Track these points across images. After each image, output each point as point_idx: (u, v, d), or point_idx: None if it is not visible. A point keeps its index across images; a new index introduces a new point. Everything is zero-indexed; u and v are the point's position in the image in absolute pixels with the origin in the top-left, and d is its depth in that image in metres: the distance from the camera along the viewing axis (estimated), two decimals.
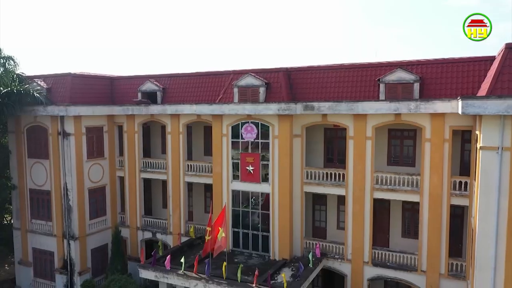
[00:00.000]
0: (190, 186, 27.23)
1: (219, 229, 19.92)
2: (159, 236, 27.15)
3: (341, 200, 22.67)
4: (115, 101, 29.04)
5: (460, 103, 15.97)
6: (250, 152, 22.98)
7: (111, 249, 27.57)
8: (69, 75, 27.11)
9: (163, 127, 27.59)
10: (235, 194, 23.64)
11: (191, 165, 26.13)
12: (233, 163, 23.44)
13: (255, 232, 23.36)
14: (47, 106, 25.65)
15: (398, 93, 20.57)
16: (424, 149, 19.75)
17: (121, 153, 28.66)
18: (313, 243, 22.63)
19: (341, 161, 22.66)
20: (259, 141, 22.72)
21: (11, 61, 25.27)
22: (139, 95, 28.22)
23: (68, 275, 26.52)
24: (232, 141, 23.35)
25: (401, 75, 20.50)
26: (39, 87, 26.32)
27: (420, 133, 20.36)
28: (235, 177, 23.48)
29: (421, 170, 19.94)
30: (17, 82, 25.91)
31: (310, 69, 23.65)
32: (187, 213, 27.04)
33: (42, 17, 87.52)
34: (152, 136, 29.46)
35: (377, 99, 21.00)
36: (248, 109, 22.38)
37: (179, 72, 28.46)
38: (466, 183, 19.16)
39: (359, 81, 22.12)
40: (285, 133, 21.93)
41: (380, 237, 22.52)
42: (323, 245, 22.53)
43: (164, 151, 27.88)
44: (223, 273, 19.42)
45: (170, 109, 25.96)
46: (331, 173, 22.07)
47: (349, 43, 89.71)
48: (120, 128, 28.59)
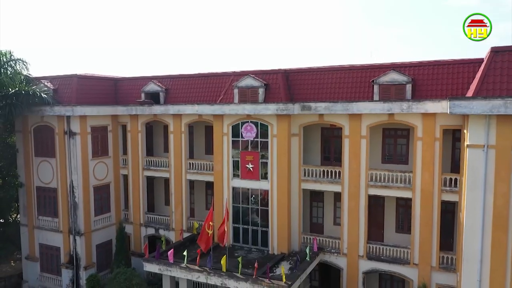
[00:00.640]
0: (191, 183, 28.14)
1: (217, 223, 20.88)
2: (162, 232, 28.05)
3: (338, 196, 23.54)
4: (119, 102, 29.94)
5: (448, 103, 16.85)
6: (249, 150, 23.88)
7: (115, 244, 28.56)
8: (75, 76, 28.01)
9: (166, 127, 28.50)
10: (235, 191, 24.55)
11: (192, 164, 27.02)
12: (233, 161, 24.34)
13: (255, 227, 24.26)
14: (54, 106, 26.54)
15: (391, 94, 21.46)
16: (416, 147, 20.64)
17: (125, 152, 29.59)
18: (310, 238, 23.52)
19: (337, 159, 23.55)
20: (259, 140, 23.62)
21: (20, 63, 26.06)
22: (143, 95, 29.12)
23: (74, 270, 27.45)
24: (232, 140, 24.25)
25: (394, 77, 21.39)
26: (46, 88, 27.20)
27: (412, 132, 21.25)
28: (236, 175, 24.38)
29: (413, 167, 20.85)
30: (24, 83, 26.77)
31: (307, 70, 24.55)
32: (189, 210, 27.95)
33: (45, 18, 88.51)
34: (154, 135, 30.38)
35: (371, 99, 21.88)
36: (248, 109, 23.27)
37: (181, 73, 29.38)
38: (456, 180, 20.05)
39: (354, 82, 23.01)
40: (283, 132, 22.83)
41: (375, 232, 23.41)
42: (320, 240, 23.40)
43: (166, 149, 28.81)
44: (224, 266, 20.33)
45: (172, 109, 26.86)
46: (328, 171, 22.95)
47: (349, 43, 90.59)
48: (124, 127, 29.51)
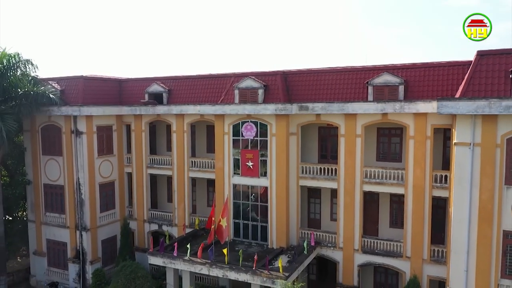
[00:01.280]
0: (193, 181, 29.16)
1: (221, 219, 21.91)
2: (165, 228, 29.04)
3: (334, 193, 24.49)
4: (123, 102, 30.93)
5: (436, 104, 17.86)
6: (249, 149, 24.90)
7: (120, 240, 29.61)
8: (81, 77, 29.00)
9: (169, 126, 29.50)
10: (236, 188, 25.56)
11: (194, 162, 28.03)
12: (234, 159, 25.35)
13: (254, 223, 25.27)
14: (61, 106, 27.54)
15: (384, 94, 22.46)
16: (408, 145, 21.64)
17: (129, 151, 30.63)
18: (308, 233, 24.49)
19: (333, 157, 24.53)
20: (258, 139, 24.63)
21: (29, 64, 26.94)
22: (146, 96, 30.12)
23: (80, 264, 28.45)
24: (233, 139, 25.27)
25: (387, 78, 22.40)
26: (53, 89, 28.17)
27: (405, 131, 22.23)
28: (236, 172, 25.38)
29: (405, 165, 21.84)
30: (32, 84, 27.72)
31: (305, 72, 25.55)
32: (191, 206, 28.97)
33: (51, 20, 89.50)
34: (158, 134, 31.39)
35: (366, 100, 22.87)
36: (248, 109, 24.28)
37: (184, 74, 30.38)
38: (446, 176, 21.05)
39: (350, 83, 24.00)
40: (282, 132, 23.83)
41: (370, 227, 24.40)
42: (317, 234, 24.38)
43: (169, 148, 29.82)
44: (226, 258, 21.34)
45: (175, 109, 27.87)
46: (325, 168, 23.93)
47: (349, 43, 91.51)
48: (128, 127, 30.52)
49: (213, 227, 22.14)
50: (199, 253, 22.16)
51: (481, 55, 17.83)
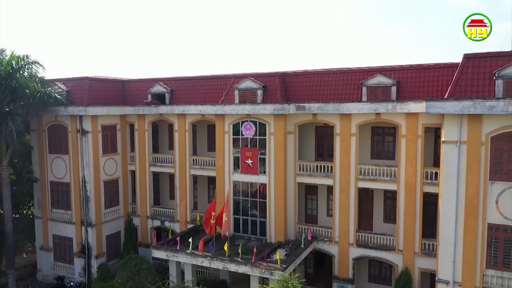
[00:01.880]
0: (195, 178, 30.11)
1: (223, 215, 22.94)
2: (167, 224, 30.06)
3: (330, 190, 25.47)
4: (127, 102, 31.91)
5: (424, 104, 18.86)
6: (249, 147, 25.89)
7: (123, 235, 30.62)
8: (87, 78, 29.98)
9: (171, 126, 30.50)
10: (236, 185, 26.56)
11: (196, 160, 29.03)
12: (234, 157, 26.34)
13: (254, 218, 26.26)
14: (67, 106, 28.55)
15: (378, 95, 23.45)
16: (400, 144, 22.64)
17: (132, 149, 31.64)
18: (305, 228, 25.47)
19: (330, 155, 25.48)
20: (257, 137, 25.63)
21: (36, 65, 27.90)
22: (149, 96, 31.12)
23: (85, 259, 29.45)
24: (233, 138, 26.25)
25: (380, 80, 23.39)
26: (60, 90, 29.17)
27: (398, 130, 23.21)
28: (236, 170, 26.37)
29: (398, 162, 22.84)
30: (39, 84, 28.68)
31: (302, 73, 26.54)
32: (193, 203, 29.95)
33: (54, 21, 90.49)
34: (160, 133, 32.39)
35: (360, 100, 23.85)
36: (247, 109, 25.28)
37: (185, 75, 31.35)
38: (436, 173, 21.98)
39: (345, 84, 25.00)
40: (280, 131, 24.82)
41: (364, 223, 25.41)
42: (314, 229, 25.37)
43: (171, 147, 30.81)
44: (226, 251, 22.34)
45: (177, 109, 28.87)
46: (321, 166, 24.90)
47: (349, 43, 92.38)
48: (131, 126, 31.54)
49: (213, 222, 23.09)
50: (200, 247, 23.15)
51: (467, 58, 18.84)
